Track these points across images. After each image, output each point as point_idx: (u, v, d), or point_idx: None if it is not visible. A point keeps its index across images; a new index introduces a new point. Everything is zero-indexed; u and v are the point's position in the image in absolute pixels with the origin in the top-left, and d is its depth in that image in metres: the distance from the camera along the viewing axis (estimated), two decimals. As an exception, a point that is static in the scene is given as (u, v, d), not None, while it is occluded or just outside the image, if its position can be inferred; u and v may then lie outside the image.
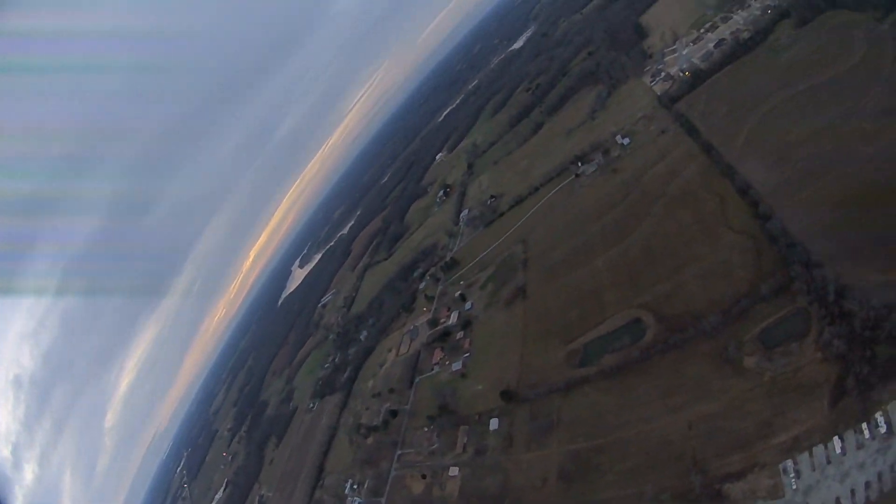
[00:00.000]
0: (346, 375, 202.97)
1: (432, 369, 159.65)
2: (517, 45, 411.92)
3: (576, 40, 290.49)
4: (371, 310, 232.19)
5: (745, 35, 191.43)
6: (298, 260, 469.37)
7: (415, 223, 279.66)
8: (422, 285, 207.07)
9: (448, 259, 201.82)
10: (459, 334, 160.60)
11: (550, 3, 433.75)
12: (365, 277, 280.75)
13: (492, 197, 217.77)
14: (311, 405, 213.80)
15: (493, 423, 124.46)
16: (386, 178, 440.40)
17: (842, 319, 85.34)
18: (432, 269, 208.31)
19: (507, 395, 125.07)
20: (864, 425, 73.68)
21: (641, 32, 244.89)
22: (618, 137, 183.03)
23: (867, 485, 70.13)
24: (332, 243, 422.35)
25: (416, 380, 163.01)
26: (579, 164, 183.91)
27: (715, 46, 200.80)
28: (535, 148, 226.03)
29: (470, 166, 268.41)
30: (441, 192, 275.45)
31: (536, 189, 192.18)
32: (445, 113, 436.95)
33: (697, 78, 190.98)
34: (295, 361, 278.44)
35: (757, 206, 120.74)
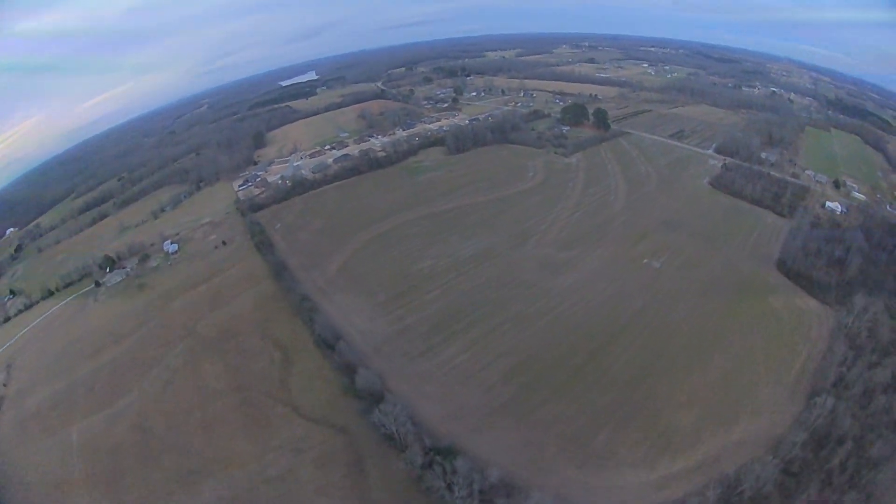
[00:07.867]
0: None
1: None
2: (149, 140, 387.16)
3: (192, 141, 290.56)
4: None
5: (381, 154, 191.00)
6: None
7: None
8: None
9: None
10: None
11: (202, 114, 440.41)
12: None
13: (11, 293, 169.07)
14: None
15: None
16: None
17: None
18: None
19: None
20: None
21: (262, 143, 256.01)
22: (166, 243, 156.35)
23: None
24: None
25: None
26: (107, 270, 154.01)
27: (336, 161, 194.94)
28: (83, 241, 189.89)
29: (19, 248, 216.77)
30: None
31: (51, 293, 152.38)
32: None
33: (299, 187, 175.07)
34: None
35: (353, 373, 71.21)
